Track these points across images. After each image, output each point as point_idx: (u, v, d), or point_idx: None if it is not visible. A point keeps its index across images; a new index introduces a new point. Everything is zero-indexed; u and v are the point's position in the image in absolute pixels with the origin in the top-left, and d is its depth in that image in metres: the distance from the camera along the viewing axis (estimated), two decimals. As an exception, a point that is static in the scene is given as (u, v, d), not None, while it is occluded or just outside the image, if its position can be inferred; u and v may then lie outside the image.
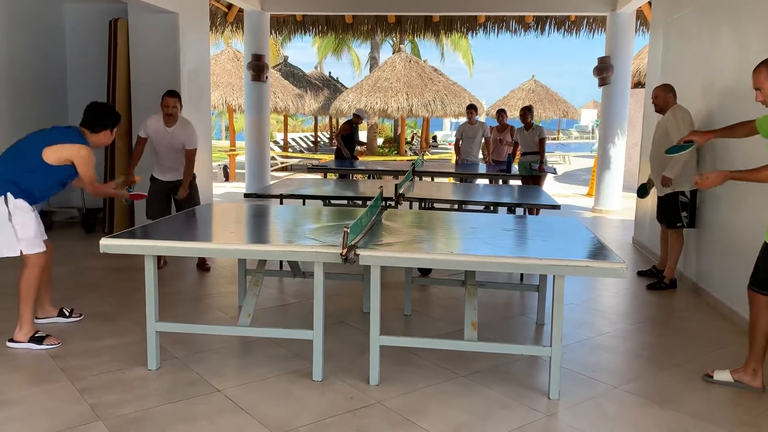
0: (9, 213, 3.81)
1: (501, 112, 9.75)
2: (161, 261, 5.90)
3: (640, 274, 6.04)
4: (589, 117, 35.03)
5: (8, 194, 3.81)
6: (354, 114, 10.70)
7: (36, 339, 3.90)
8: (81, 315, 4.46)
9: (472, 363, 3.72)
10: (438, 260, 3.25)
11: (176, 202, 5.90)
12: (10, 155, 3.95)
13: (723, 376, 3.51)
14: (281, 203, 5.71)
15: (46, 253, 4.03)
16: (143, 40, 7.22)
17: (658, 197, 5.69)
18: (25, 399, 3.19)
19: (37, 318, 4.24)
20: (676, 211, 5.48)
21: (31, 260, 3.90)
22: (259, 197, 5.97)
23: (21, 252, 3.87)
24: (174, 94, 5.61)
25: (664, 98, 5.60)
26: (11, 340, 3.91)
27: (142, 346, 3.65)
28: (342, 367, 3.64)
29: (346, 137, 10.25)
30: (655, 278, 5.72)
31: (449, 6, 11.31)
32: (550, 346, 3.28)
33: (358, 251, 3.18)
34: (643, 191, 6.05)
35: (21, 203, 3.86)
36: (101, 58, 7.65)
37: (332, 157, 12.25)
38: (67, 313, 4.42)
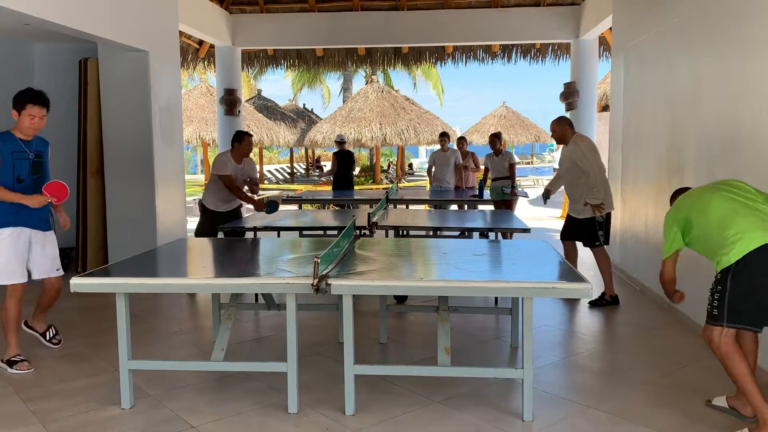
0: None
1: (461, 140, 10.00)
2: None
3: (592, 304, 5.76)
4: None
5: None
6: (337, 142, 10.82)
7: (9, 362, 4.11)
8: (59, 343, 4.65)
9: (447, 388, 3.74)
10: (408, 287, 3.30)
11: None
12: None
13: (720, 402, 3.49)
14: (255, 236, 5.72)
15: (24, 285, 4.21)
16: (114, 79, 7.25)
17: (575, 219, 5.84)
18: (-6, 444, 3.14)
19: (26, 325, 4.59)
20: (594, 231, 5.69)
21: (7, 290, 4.12)
22: (232, 230, 5.96)
23: None
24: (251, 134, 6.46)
25: (560, 131, 5.83)
26: None
27: (115, 385, 3.61)
28: (318, 398, 3.64)
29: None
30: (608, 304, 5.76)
31: (417, 38, 11.56)
32: (522, 368, 3.32)
33: (330, 281, 3.21)
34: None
35: None
36: (72, 98, 7.66)
37: (310, 187, 12.30)
38: (48, 336, 4.63)
